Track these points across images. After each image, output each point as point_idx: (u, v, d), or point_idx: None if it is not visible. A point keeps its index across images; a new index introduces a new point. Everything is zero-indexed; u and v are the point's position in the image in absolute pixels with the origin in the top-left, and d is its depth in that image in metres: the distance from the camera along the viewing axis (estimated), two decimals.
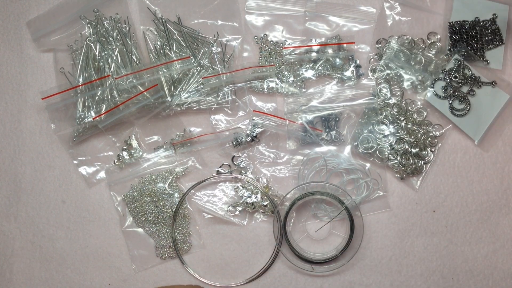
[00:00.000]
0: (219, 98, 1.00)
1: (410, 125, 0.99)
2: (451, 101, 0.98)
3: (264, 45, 1.03)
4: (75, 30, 1.03)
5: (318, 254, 0.96)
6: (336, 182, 0.98)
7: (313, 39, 1.02)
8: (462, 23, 1.01)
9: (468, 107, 0.98)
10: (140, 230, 0.99)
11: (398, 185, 0.99)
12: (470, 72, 0.98)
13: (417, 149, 0.97)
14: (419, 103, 1.00)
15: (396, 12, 1.02)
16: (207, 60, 1.00)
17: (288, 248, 0.95)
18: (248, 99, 1.01)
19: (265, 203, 0.97)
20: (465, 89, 0.98)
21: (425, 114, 0.99)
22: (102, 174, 1.01)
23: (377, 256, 0.97)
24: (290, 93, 1.00)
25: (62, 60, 1.03)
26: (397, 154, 0.98)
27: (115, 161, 1.01)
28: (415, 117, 0.99)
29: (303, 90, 1.00)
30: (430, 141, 0.98)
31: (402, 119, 0.99)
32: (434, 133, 0.99)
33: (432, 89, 0.98)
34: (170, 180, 0.99)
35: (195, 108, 1.01)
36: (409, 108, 0.99)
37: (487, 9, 1.02)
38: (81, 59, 1.00)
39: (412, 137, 0.98)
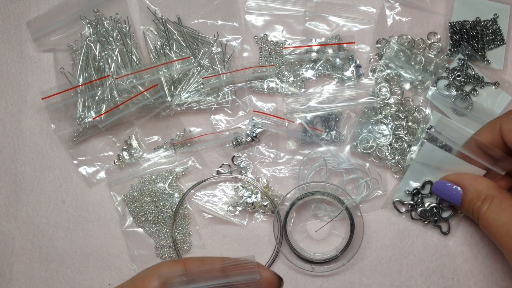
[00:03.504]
0: (219, 98, 1.00)
1: (410, 123, 0.99)
2: (453, 100, 0.98)
3: (264, 45, 1.03)
4: (75, 30, 1.03)
5: (318, 254, 0.96)
6: (336, 182, 0.98)
7: (313, 39, 1.02)
8: (463, 23, 1.01)
9: (470, 106, 0.97)
10: (140, 230, 0.99)
11: (398, 184, 0.99)
12: (473, 72, 0.98)
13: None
14: (420, 99, 0.99)
15: (396, 12, 1.02)
16: (207, 60, 1.00)
17: (288, 248, 0.95)
18: (248, 99, 1.01)
19: (265, 203, 0.97)
20: (467, 88, 0.98)
21: (425, 112, 0.99)
22: (102, 174, 1.01)
23: (377, 256, 0.97)
24: (290, 93, 1.00)
25: (62, 60, 1.03)
26: (396, 153, 0.97)
27: (115, 161, 1.01)
28: (415, 115, 0.99)
29: (303, 90, 1.00)
30: None
31: (403, 117, 0.98)
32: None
33: (434, 87, 0.98)
34: (170, 180, 0.99)
35: (195, 108, 1.01)
36: (409, 106, 0.99)
37: (488, 9, 1.01)
38: (81, 59, 1.01)
39: (412, 136, 0.98)
